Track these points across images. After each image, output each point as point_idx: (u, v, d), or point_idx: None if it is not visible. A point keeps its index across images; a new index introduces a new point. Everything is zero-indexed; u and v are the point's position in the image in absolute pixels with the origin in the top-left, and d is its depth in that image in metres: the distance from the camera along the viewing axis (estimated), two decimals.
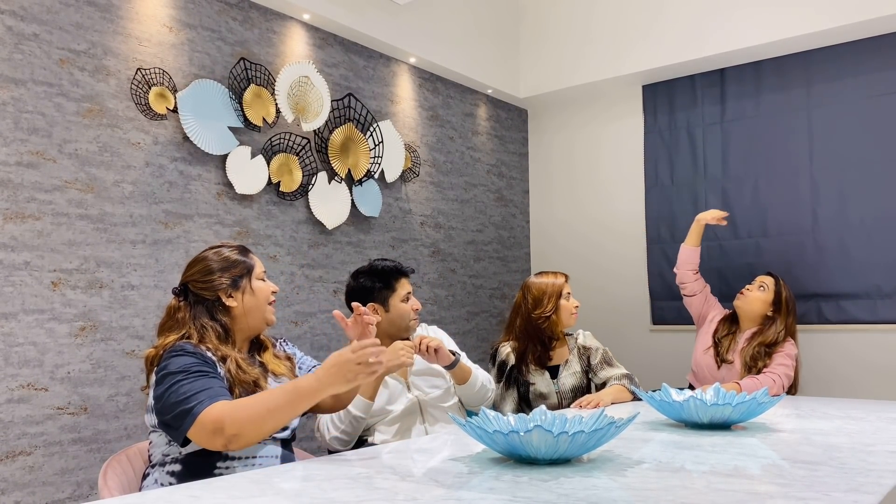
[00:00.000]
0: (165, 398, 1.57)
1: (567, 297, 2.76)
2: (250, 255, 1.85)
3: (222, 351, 1.69)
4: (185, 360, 1.61)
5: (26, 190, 2.39)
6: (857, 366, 3.65)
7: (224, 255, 1.80)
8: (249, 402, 1.54)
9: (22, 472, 2.33)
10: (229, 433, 1.49)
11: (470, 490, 1.29)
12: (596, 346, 2.73)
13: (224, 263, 1.78)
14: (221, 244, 1.86)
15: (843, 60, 3.73)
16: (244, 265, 1.81)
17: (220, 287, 1.76)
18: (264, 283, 1.83)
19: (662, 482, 1.32)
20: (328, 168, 3.38)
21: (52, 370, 2.43)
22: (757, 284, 3.09)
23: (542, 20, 4.52)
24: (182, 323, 1.74)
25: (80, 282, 2.51)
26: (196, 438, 1.53)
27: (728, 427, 1.97)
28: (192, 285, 1.77)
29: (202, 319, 1.73)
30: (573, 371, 2.70)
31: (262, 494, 1.27)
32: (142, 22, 2.74)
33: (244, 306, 1.78)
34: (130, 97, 2.68)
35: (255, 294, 1.80)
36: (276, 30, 3.22)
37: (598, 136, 4.56)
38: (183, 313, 1.75)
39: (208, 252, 1.82)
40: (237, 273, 1.79)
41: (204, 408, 1.51)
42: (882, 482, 1.29)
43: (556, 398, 2.69)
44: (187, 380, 1.57)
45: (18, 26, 2.41)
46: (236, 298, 1.77)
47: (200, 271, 1.77)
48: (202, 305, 1.75)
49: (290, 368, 1.87)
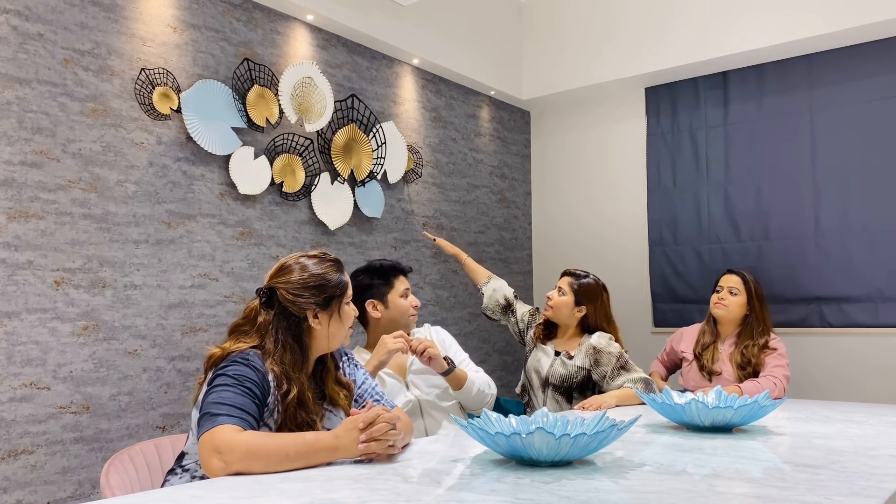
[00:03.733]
0: (208, 395, 1.52)
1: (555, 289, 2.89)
2: (345, 273, 1.75)
3: (293, 377, 1.59)
4: (246, 370, 1.54)
5: (30, 189, 2.40)
6: (859, 369, 3.65)
7: (320, 272, 1.68)
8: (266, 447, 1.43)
9: (24, 471, 2.33)
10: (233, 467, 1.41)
11: (471, 492, 1.29)
12: (609, 351, 2.71)
13: (320, 281, 1.67)
14: (319, 255, 1.74)
15: (846, 64, 3.72)
16: (339, 285, 1.70)
17: (310, 306, 1.65)
18: (350, 308, 1.74)
19: (664, 485, 1.32)
20: (331, 169, 3.38)
21: (55, 369, 2.43)
22: (727, 290, 3.02)
23: (546, 22, 4.52)
24: (261, 331, 1.63)
25: (83, 281, 2.52)
26: (200, 447, 1.46)
27: (730, 430, 1.97)
28: (282, 295, 1.65)
29: (282, 334, 1.63)
30: (572, 362, 2.73)
31: (265, 494, 1.27)
32: (146, 22, 2.75)
33: (328, 330, 1.68)
34: (134, 97, 2.69)
35: (342, 319, 1.71)
36: (280, 30, 3.23)
37: (601, 139, 4.56)
38: (263, 320, 1.64)
39: (307, 262, 1.70)
40: (331, 294, 1.68)
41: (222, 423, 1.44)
42: (884, 486, 1.29)
43: (546, 373, 2.77)
44: (234, 390, 1.50)
45: (23, 26, 2.41)
46: (322, 321, 1.67)
47: (294, 282, 1.66)
48: (286, 320, 1.64)
49: (347, 398, 1.75)
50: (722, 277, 3.11)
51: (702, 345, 3.06)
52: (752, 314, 2.99)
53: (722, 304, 3.01)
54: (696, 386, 2.97)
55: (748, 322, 3.00)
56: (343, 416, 1.73)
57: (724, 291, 3.03)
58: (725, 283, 3.05)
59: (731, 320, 3.02)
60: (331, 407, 1.71)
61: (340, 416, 1.72)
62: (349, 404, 1.76)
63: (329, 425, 1.69)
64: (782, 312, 3.84)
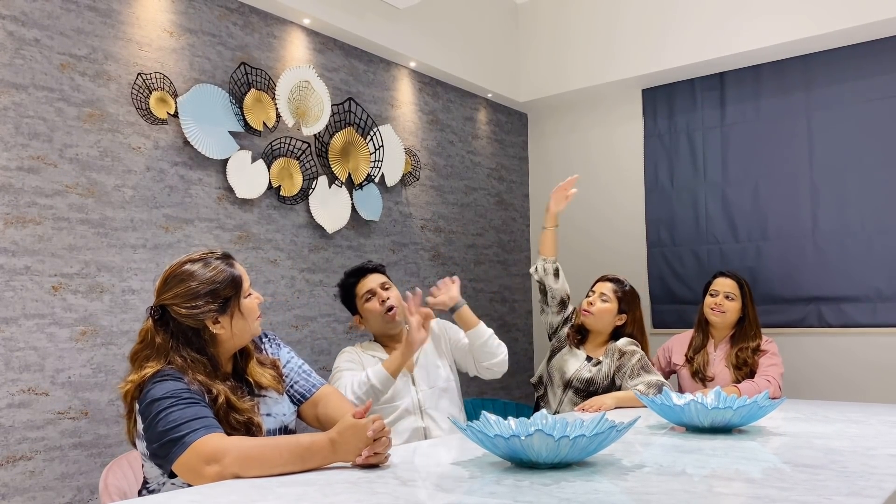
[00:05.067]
0: (153, 427, 1.44)
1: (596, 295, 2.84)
2: (236, 266, 1.64)
3: (210, 386, 1.52)
4: (172, 384, 1.47)
5: (27, 195, 2.40)
6: (858, 369, 3.65)
7: (209, 275, 1.56)
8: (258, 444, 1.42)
9: (23, 477, 2.33)
10: (230, 469, 1.39)
11: (471, 495, 1.29)
12: (632, 351, 2.71)
13: (210, 286, 1.55)
14: (204, 255, 1.61)
15: (843, 64, 3.73)
16: (232, 282, 1.59)
17: (207, 315, 1.55)
18: (251, 299, 1.63)
19: (664, 486, 1.32)
20: (328, 172, 3.38)
21: (53, 375, 2.43)
22: (723, 294, 2.95)
23: (542, 24, 4.52)
24: (161, 352, 1.53)
25: (81, 286, 2.51)
26: (182, 470, 1.41)
27: (729, 431, 1.97)
28: (173, 310, 1.54)
29: (186, 351, 1.53)
30: (597, 367, 2.72)
31: (263, 499, 1.26)
32: (142, 27, 2.75)
33: (233, 331, 1.59)
34: (131, 102, 2.69)
35: (245, 315, 1.60)
36: (277, 34, 3.23)
37: (599, 140, 4.56)
38: (162, 340, 1.54)
39: (192, 267, 1.57)
40: (226, 294, 1.57)
41: (199, 437, 1.40)
42: (883, 486, 1.29)
43: (571, 375, 2.75)
44: (177, 407, 1.43)
45: (19, 31, 2.41)
46: (224, 324, 1.57)
47: (183, 295, 1.54)
48: (185, 335, 1.54)
49: (276, 378, 1.70)
50: (715, 281, 3.05)
51: (693, 349, 3.02)
52: (746, 318, 2.96)
53: (719, 309, 2.95)
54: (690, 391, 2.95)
55: (742, 325, 2.97)
56: (275, 395, 1.68)
57: (720, 296, 2.96)
58: (721, 288, 2.98)
59: (726, 325, 2.99)
60: (260, 391, 1.64)
61: (272, 396, 1.68)
62: (279, 381, 1.70)
63: (267, 411, 1.64)
64: (780, 313, 3.84)
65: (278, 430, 1.66)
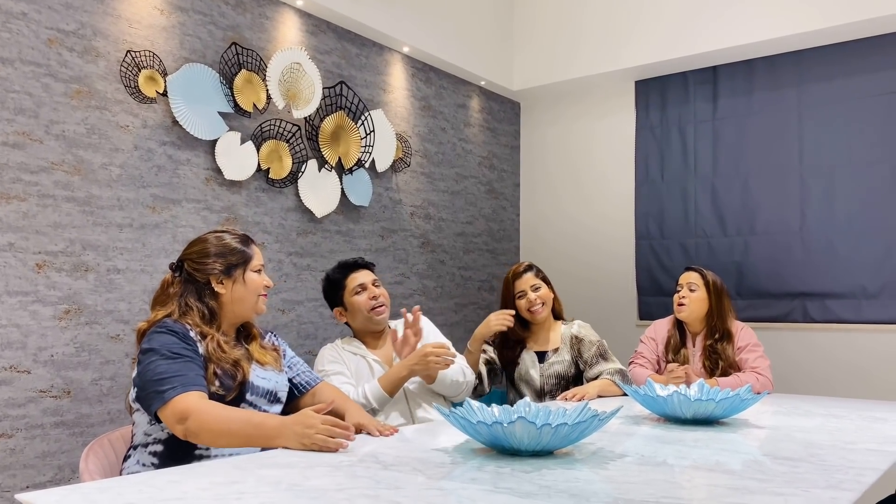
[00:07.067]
0: (142, 374, 1.62)
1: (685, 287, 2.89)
2: (251, 246, 1.86)
3: (203, 329, 1.72)
4: (166, 338, 1.65)
5: (11, 171, 2.37)
6: (840, 365, 3.68)
7: (224, 241, 1.82)
8: (218, 413, 1.55)
9: (3, 455, 2.31)
10: (191, 429, 1.53)
11: (452, 480, 1.29)
12: (591, 339, 2.70)
13: (222, 249, 1.80)
14: (226, 230, 1.87)
15: (835, 61, 3.74)
16: (241, 255, 1.82)
17: (213, 272, 1.78)
18: (258, 276, 1.84)
19: (644, 476, 1.33)
20: (318, 156, 3.36)
21: (36, 353, 2.41)
22: (686, 286, 2.95)
23: (537, 13, 4.50)
24: (171, 298, 1.78)
25: (66, 264, 2.49)
26: (164, 421, 1.58)
27: (711, 423, 1.98)
28: (188, 264, 1.80)
29: (189, 298, 1.77)
30: (562, 359, 2.69)
31: (244, 480, 1.26)
32: (132, 4, 2.71)
33: (232, 295, 1.79)
34: (120, 79, 2.66)
35: (247, 285, 1.81)
36: (269, 15, 3.20)
37: (590, 131, 4.55)
38: (174, 289, 1.79)
39: (210, 235, 1.84)
40: (232, 261, 1.80)
41: (176, 395, 1.55)
42: (861, 479, 1.30)
43: (540, 382, 2.69)
44: (165, 360, 1.61)
45: (6, 4, 2.37)
46: (226, 286, 1.79)
47: (198, 252, 1.80)
48: (192, 285, 1.78)
49: (276, 359, 1.87)
50: (681, 275, 3.04)
51: (672, 349, 3.01)
52: (713, 306, 2.95)
53: (683, 302, 2.93)
54: None
55: (712, 317, 2.96)
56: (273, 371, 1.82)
57: (683, 289, 2.95)
58: (684, 281, 2.97)
59: (696, 319, 2.97)
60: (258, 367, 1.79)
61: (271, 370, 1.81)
62: (279, 366, 1.85)
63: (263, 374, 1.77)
64: (766, 307, 3.86)
65: (268, 392, 1.78)
